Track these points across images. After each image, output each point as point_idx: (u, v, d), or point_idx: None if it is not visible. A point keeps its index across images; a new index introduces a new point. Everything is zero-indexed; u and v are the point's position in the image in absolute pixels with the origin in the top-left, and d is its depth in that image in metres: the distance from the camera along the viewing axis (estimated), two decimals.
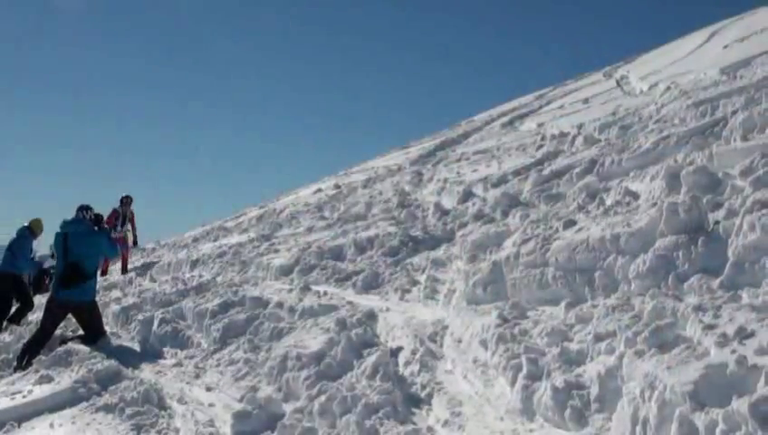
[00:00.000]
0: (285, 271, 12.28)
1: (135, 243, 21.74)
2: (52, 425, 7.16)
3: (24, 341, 11.20)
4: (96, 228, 11.54)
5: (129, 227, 20.91)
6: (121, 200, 20.73)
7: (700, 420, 4.08)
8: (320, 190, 23.62)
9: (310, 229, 15.78)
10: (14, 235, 15.66)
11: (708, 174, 8.36)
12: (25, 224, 16.42)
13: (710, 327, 5.17)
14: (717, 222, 6.94)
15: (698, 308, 5.66)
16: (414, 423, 5.87)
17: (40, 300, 16.13)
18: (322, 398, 6.34)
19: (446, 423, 5.85)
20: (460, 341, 7.45)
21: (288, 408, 6.61)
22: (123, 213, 20.71)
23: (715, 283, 6.29)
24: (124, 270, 20.20)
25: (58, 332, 11.29)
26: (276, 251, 14.53)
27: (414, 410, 6.22)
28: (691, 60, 23.43)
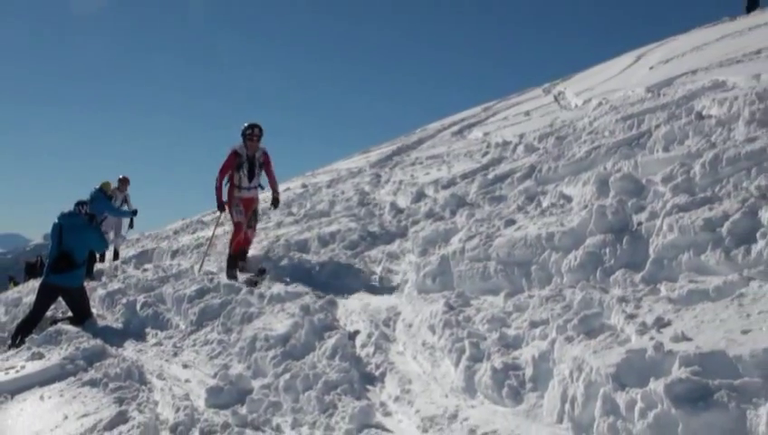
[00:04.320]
0: (257, 261, 12.24)
1: (276, 201, 12.87)
2: (42, 397, 7.09)
3: (18, 321, 11.13)
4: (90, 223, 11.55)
5: (259, 180, 12.42)
6: (245, 134, 11.99)
7: (621, 398, 4.10)
8: (288, 189, 23.47)
9: (279, 224, 15.70)
10: (87, 197, 15.67)
11: (634, 180, 8.42)
12: (96, 187, 16.84)
13: (632, 317, 5.22)
14: (640, 223, 6.99)
15: (622, 300, 5.70)
16: (368, 399, 5.87)
17: (34, 284, 15.98)
18: (287, 375, 6.33)
19: (397, 399, 5.86)
20: (411, 326, 7.45)
21: (256, 384, 6.59)
22: (250, 157, 12.05)
23: (637, 277, 6.34)
24: (234, 258, 11.70)
25: (49, 313, 11.22)
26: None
27: (369, 387, 6.22)
28: (621, 79, 23.54)
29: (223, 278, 11.09)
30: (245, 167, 11.98)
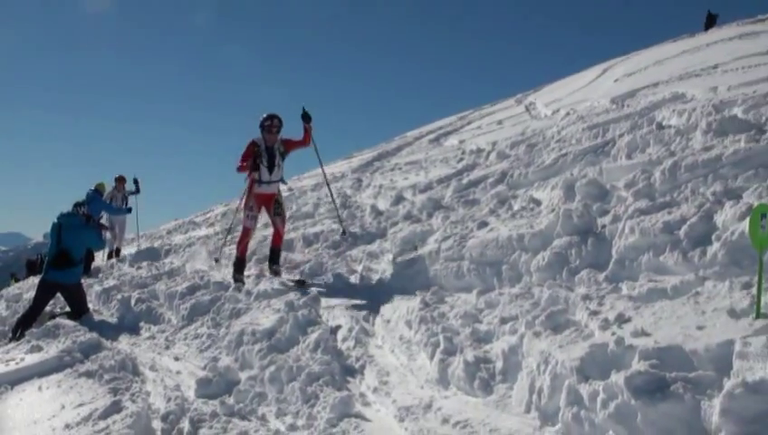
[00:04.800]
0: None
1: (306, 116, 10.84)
2: (40, 388, 7.03)
3: (19, 315, 11.07)
4: (87, 222, 11.50)
5: (281, 174, 10.80)
6: (263, 125, 10.55)
7: (585, 390, 4.12)
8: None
9: (266, 225, 15.70)
10: (83, 197, 15.46)
11: (598, 186, 8.46)
12: (92, 188, 16.95)
13: (595, 313, 5.25)
14: (604, 226, 7.05)
15: (586, 297, 5.75)
16: (349, 390, 5.85)
17: (34, 281, 15.88)
18: (272, 368, 6.30)
19: (375, 390, 5.85)
20: (389, 321, 7.46)
21: (243, 375, 6.56)
22: (269, 147, 10.60)
23: (601, 276, 6.39)
24: (241, 262, 10.67)
25: (48, 308, 11.14)
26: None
27: (349, 378, 6.21)
28: (587, 90, 23.63)
29: (213, 276, 11.03)
30: (265, 158, 10.51)
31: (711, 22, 35.22)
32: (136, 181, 19.47)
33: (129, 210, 18.90)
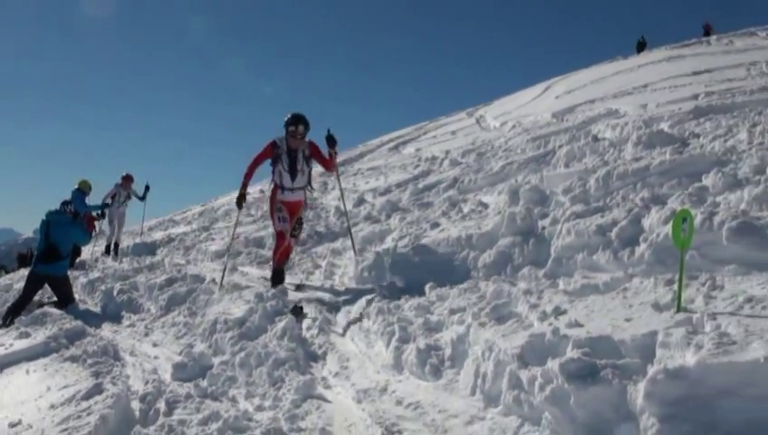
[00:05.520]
0: (219, 255, 12.13)
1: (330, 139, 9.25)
2: (27, 371, 6.92)
3: (9, 304, 10.93)
4: (73, 219, 11.39)
5: (306, 180, 9.25)
6: (287, 129, 8.84)
7: (524, 375, 4.14)
8: (248, 193, 23.28)
9: (239, 223, 15.61)
10: (69, 197, 15.16)
11: (539, 191, 8.53)
12: (76, 187, 16.44)
13: (534, 306, 5.27)
14: (544, 227, 7.10)
15: (527, 292, 5.77)
16: (312, 374, 5.83)
17: (23, 272, 15.67)
18: (242, 353, 6.25)
19: (336, 374, 5.83)
20: (349, 311, 7.45)
21: (216, 361, 6.50)
22: (292, 150, 8.93)
23: (540, 273, 6.44)
24: (279, 273, 8.96)
25: (36, 298, 11.01)
26: (212, 239, 14.35)
27: (312, 363, 6.18)
28: (532, 105, 23.81)
29: (190, 269, 10.94)
30: (285, 161, 8.89)
31: (642, 46, 35.82)
32: (147, 188, 18.97)
33: (107, 205, 18.32)
